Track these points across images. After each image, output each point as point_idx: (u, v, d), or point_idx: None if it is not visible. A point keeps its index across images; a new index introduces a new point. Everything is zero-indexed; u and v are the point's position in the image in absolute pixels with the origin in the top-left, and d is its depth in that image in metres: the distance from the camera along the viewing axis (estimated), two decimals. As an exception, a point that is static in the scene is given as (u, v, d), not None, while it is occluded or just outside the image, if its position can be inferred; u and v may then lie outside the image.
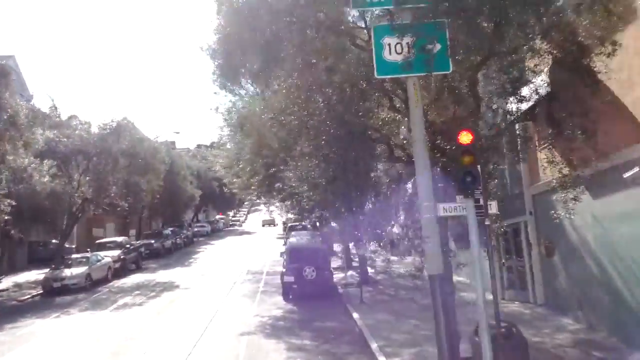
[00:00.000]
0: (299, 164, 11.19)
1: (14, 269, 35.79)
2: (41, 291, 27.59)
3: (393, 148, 11.37)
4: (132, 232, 49.70)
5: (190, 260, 40.80)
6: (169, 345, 15.53)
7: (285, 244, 42.04)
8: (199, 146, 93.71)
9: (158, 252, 43.43)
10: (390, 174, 13.98)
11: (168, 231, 49.51)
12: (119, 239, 37.61)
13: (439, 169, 10.39)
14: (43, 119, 26.77)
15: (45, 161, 27.80)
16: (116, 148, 33.50)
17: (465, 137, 8.47)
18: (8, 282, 31.12)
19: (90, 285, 27.96)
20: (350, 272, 27.55)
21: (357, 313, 18.20)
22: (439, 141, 10.73)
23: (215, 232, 75.58)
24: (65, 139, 32.17)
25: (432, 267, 9.93)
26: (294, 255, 22.14)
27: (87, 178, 33.78)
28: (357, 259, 27.40)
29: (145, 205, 45.19)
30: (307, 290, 21.64)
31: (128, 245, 36.35)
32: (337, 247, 35.83)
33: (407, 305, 19.27)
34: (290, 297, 21.87)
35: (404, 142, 11.85)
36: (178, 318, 19.48)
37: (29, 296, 26.68)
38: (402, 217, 18.21)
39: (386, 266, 23.21)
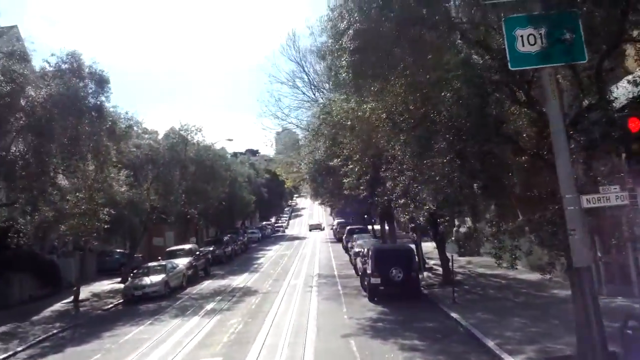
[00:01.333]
0: (426, 162, 11.14)
1: (85, 280, 36.56)
2: (121, 300, 28.19)
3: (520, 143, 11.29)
4: (192, 239, 50.32)
5: (255, 266, 41.13)
6: (277, 346, 15.65)
7: (347, 247, 42.29)
8: (246, 152, 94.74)
9: (220, 259, 43.97)
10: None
11: (227, 238, 50.07)
12: (187, 246, 38.12)
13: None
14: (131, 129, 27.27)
15: (123, 171, 28.40)
16: (183, 156, 34.04)
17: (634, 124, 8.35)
18: (85, 292, 31.83)
19: (169, 292, 28.43)
20: (426, 273, 27.48)
21: (455, 313, 18.05)
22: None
23: (265, 238, 76.16)
24: (134, 149, 32.82)
25: (580, 260, 9.81)
26: (380, 257, 22.11)
27: (156, 186, 34.38)
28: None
29: (211, 212, 45.74)
30: (394, 292, 21.62)
31: (198, 253, 36.87)
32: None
33: (502, 304, 19.03)
34: (376, 299, 21.84)
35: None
36: (273, 321, 19.62)
37: (111, 305, 27.24)
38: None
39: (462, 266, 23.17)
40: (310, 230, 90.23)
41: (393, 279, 21.45)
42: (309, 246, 57.25)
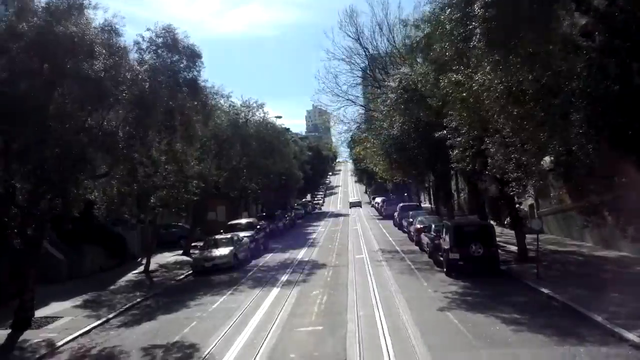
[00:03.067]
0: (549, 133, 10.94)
1: (145, 253, 37.27)
2: (190, 271, 28.73)
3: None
4: (245, 214, 50.86)
5: (310, 241, 41.40)
6: (374, 317, 15.73)
7: (400, 224, 42.24)
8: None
9: (274, 234, 44.38)
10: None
11: (278, 213, 50.50)
12: (247, 220, 38.55)
13: None
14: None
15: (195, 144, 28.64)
16: (245, 131, 34.22)
17: None
18: (150, 263, 32.46)
19: (237, 265, 28.83)
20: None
21: (545, 288, 17.85)
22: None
23: (307, 215, 76.60)
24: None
25: None
26: (459, 233, 21.99)
27: (217, 161, 34.70)
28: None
29: (270, 188, 46.06)
30: (473, 267, 21.52)
31: (258, 227, 37.25)
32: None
33: (590, 280, 18.70)
34: (454, 274, 21.77)
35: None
36: (355, 292, 19.71)
37: (182, 276, 27.80)
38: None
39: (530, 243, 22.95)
40: (350, 207, 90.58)
41: (472, 255, 21.33)
42: (356, 222, 57.32)
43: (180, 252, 36.06)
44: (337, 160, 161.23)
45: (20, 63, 14.49)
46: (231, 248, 29.04)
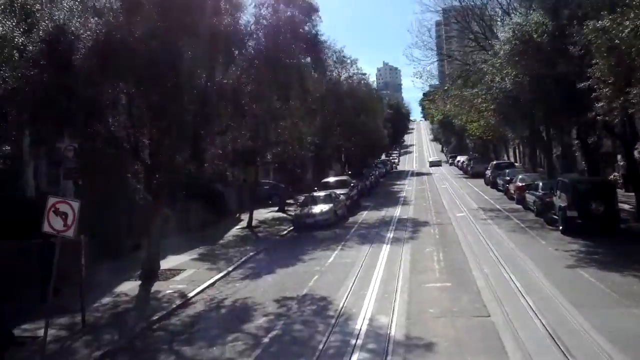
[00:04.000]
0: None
1: (243, 208, 38.13)
2: (291, 227, 29.19)
3: None
4: (331, 172, 51.02)
5: (401, 199, 41.12)
6: (502, 275, 15.44)
7: (494, 182, 41.20)
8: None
9: (363, 192, 44.34)
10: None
11: (365, 171, 50.40)
12: (341, 178, 38.62)
13: None
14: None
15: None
16: (339, 88, 33.91)
17: None
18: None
19: (336, 221, 29.04)
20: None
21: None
22: None
23: (388, 174, 76.00)
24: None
25: None
26: (578, 190, 21.13)
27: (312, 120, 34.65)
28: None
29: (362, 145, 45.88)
30: (592, 226, 20.66)
31: (352, 184, 37.33)
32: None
33: None
34: (571, 232, 20.97)
35: None
36: (471, 250, 19.45)
37: (285, 232, 28.29)
38: None
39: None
40: (430, 166, 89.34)
41: (592, 213, 20.48)
42: (442, 181, 56.35)
43: (276, 208, 36.72)
44: (411, 119, 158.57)
45: (153, 20, 14.73)
46: (331, 205, 29.23)
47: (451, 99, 39.46)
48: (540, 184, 26.93)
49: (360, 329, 11.65)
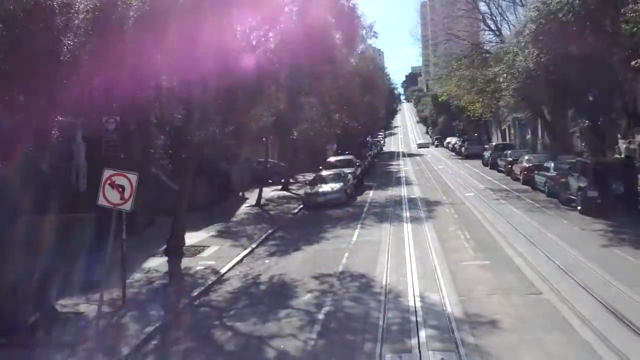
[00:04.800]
0: None
1: (245, 187, 37.84)
2: (301, 205, 29.01)
3: None
4: (328, 152, 50.81)
5: (401, 179, 41.11)
6: (538, 254, 15.45)
7: (494, 163, 41.37)
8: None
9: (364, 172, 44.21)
10: None
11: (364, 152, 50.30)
12: (347, 157, 38.41)
13: None
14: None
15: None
16: (347, 64, 33.43)
17: None
18: (255, 197, 32.87)
19: (346, 200, 28.90)
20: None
21: None
22: None
23: (379, 154, 75.97)
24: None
25: None
26: (598, 170, 21.23)
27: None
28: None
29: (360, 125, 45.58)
30: (613, 206, 20.78)
31: (357, 163, 37.18)
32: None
33: None
34: (591, 212, 21.06)
35: None
36: (494, 228, 19.49)
37: (296, 210, 28.10)
38: None
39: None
40: (418, 147, 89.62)
41: (613, 193, 20.63)
42: (436, 162, 56.54)
43: (279, 187, 36.46)
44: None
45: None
46: (342, 184, 29.09)
47: (456, 79, 39.30)
48: (552, 164, 27.01)
49: (415, 306, 11.56)
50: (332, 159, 38.82)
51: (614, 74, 16.96)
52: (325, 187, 28.69)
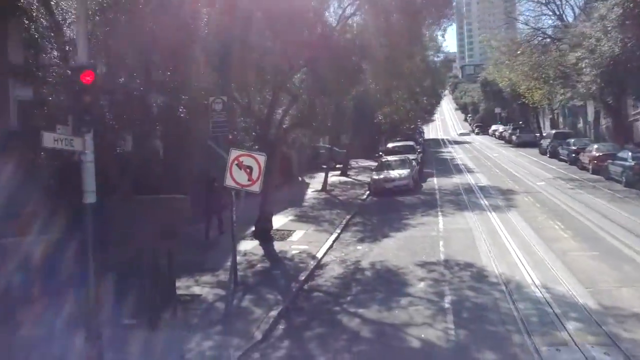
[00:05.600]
0: None
1: (304, 172, 37.73)
2: (367, 192, 28.77)
3: None
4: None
5: (459, 166, 40.64)
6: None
7: (554, 152, 40.39)
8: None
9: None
10: None
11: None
12: (408, 143, 37.99)
13: None
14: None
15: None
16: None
17: None
18: (314, 183, 32.78)
19: (414, 187, 28.53)
20: None
21: None
22: None
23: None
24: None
25: None
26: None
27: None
28: None
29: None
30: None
31: (419, 150, 36.75)
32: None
33: None
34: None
35: None
36: (584, 218, 18.93)
37: (364, 197, 27.86)
38: None
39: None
40: (459, 135, 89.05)
41: None
42: (488, 149, 55.57)
43: (337, 173, 36.26)
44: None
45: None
46: (409, 170, 28.74)
47: (518, 64, 38.36)
48: (629, 154, 26.17)
49: (545, 297, 11.21)
50: (390, 144, 38.36)
51: None
52: (393, 173, 28.35)
